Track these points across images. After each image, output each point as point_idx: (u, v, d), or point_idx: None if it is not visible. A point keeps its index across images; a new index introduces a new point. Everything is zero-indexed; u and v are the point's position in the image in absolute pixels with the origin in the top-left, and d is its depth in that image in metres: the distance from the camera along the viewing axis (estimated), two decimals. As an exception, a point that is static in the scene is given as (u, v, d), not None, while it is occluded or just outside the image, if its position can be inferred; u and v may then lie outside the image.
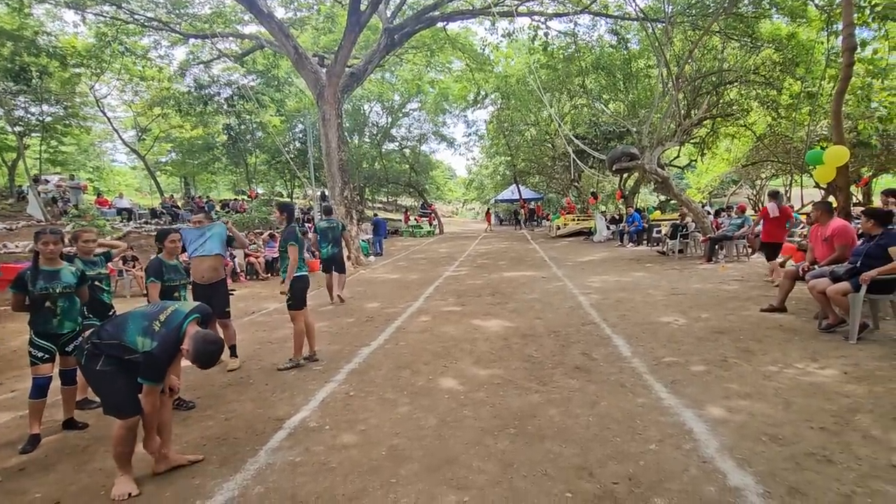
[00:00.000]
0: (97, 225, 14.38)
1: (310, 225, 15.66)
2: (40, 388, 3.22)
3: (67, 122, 22.30)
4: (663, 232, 13.12)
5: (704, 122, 17.12)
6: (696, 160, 23.32)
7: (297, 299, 4.53)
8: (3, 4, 15.66)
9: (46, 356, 3.28)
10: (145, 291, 4.04)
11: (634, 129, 13.53)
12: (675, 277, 8.50)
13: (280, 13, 18.75)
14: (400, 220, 31.72)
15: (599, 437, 2.84)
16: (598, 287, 7.92)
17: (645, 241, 14.95)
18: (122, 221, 16.62)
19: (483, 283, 9.19)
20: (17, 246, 10.61)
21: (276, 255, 4.69)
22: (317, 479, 2.56)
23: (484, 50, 20.35)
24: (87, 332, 2.68)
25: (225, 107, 24.22)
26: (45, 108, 21.04)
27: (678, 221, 12.19)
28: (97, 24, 17.04)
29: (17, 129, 18.89)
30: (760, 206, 24.65)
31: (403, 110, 31.89)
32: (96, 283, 3.72)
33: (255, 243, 12.42)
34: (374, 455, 2.77)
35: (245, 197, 26.07)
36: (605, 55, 17.39)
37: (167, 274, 3.96)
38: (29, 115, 20.73)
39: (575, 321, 5.71)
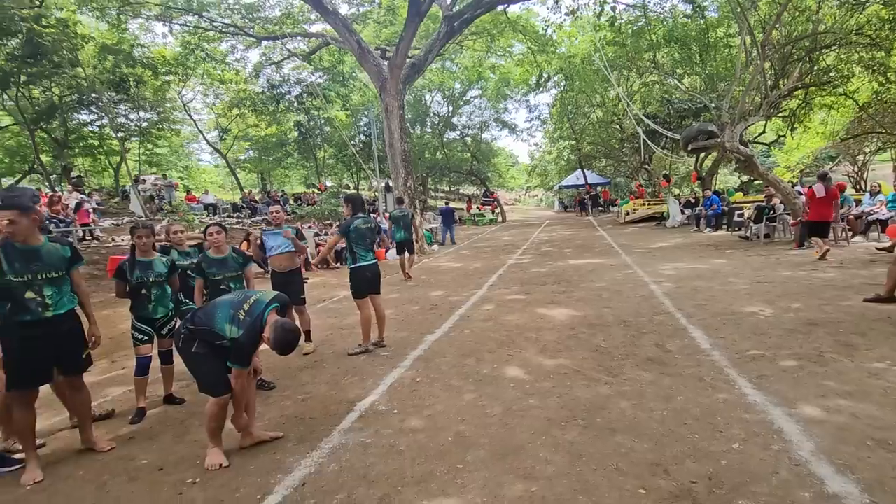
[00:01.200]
0: (187, 220, 15.75)
1: (375, 215, 16.14)
2: (143, 367, 3.61)
3: (161, 126, 24.56)
4: (746, 215, 12.08)
5: (795, 93, 15.39)
6: (784, 135, 21.11)
7: (357, 289, 4.70)
8: (105, 22, 17.38)
9: (146, 338, 3.66)
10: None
11: (713, 105, 12.49)
12: (760, 264, 7.83)
13: (343, 9, 19.32)
14: (462, 209, 31.80)
15: (675, 433, 2.69)
16: (672, 275, 7.48)
17: (725, 226, 13.87)
18: (208, 216, 18.04)
19: (548, 271, 9.00)
20: (122, 240, 11.88)
21: (345, 245, 4.86)
22: (386, 460, 2.65)
23: (546, 30, 19.69)
24: (185, 317, 2.94)
25: (295, 104, 25.48)
26: (141, 114, 23.31)
27: (763, 203, 11.16)
28: (182, 34, 18.49)
29: (120, 134, 21.09)
30: (864, 183, 22.01)
31: (464, 98, 31.78)
32: (188, 272, 4.06)
33: (325, 234, 13.02)
34: (440, 440, 2.82)
35: (315, 190, 27.37)
36: (679, 26, 16.14)
37: (209, 269, 3.85)
38: (129, 122, 23.06)
39: (646, 311, 5.44)
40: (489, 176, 34.75)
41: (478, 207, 30.81)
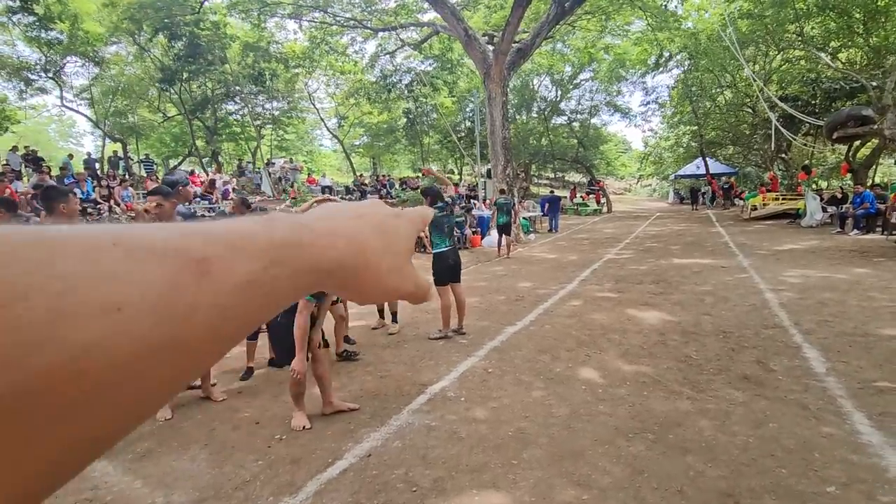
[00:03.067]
0: (305, 199, 17.41)
1: (475, 202, 16.31)
2: (254, 332, 4.16)
3: (290, 114, 27.32)
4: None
5: None
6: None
7: (438, 276, 4.87)
8: (248, 22, 19.64)
9: None
10: None
11: (874, 84, 10.48)
12: (921, 279, 6.53)
13: (454, -3, 19.48)
14: (566, 197, 30.71)
15: (759, 463, 2.45)
16: (796, 283, 6.56)
17: (879, 229, 11.68)
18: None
19: (647, 268, 8.43)
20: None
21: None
22: (446, 445, 2.79)
23: (670, 4, 17.96)
24: None
25: (405, 92, 26.52)
26: (274, 104, 26.14)
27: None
28: (310, 30, 20.19)
29: (257, 122, 23.90)
30: None
31: (574, 82, 30.38)
32: None
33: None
34: (501, 433, 2.88)
35: (420, 174, 28.41)
36: (839, -10, 13.72)
37: None
38: (264, 111, 26.01)
39: (754, 322, 4.88)
40: (595, 164, 32.97)
41: (581, 196, 29.55)
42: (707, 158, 27.99)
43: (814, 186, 19.18)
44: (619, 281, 7.45)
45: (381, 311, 5.52)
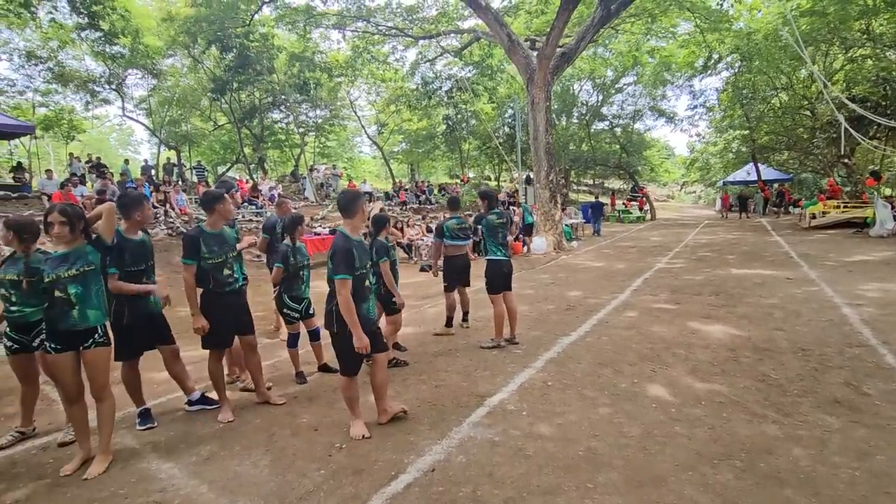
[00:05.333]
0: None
1: (515, 207, 16.10)
2: (294, 340, 4.17)
3: (332, 122, 27.95)
4: None
5: None
6: None
7: (491, 283, 4.74)
8: (294, 33, 20.24)
9: (297, 316, 4.15)
10: None
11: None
12: None
13: (496, 2, 19.46)
14: (606, 204, 29.91)
15: (869, 501, 2.18)
16: (877, 298, 6.03)
17: (965, 240, 10.69)
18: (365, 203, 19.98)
19: (703, 279, 8.00)
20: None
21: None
22: (513, 462, 2.65)
23: (722, 4, 17.24)
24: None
25: (445, 99, 26.64)
26: (317, 112, 26.82)
27: None
28: (353, 39, 20.61)
29: (301, 130, 24.56)
30: None
31: (616, 86, 29.64)
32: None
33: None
34: (570, 453, 2.72)
35: (458, 181, 28.41)
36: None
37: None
38: (308, 119, 26.73)
39: (836, 339, 4.49)
40: (639, 169, 31.99)
41: (623, 203, 28.73)
42: (759, 164, 26.65)
43: (884, 193, 17.88)
44: (674, 291, 7.09)
45: (450, 320, 5.47)
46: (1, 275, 3.12)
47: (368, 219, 4.14)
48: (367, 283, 3.05)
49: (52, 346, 2.72)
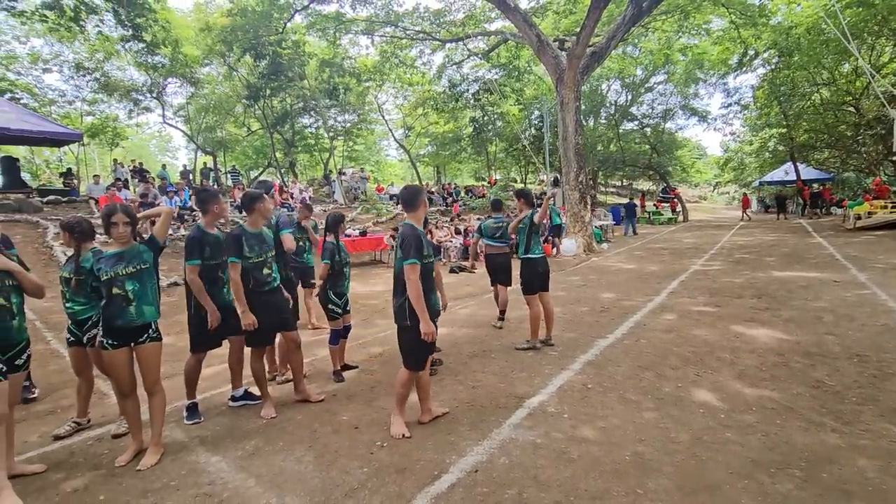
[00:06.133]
0: (377, 209, 17.87)
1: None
2: (336, 336, 4.22)
3: (360, 126, 28.32)
4: None
5: None
6: None
7: (528, 283, 4.69)
8: (325, 40, 20.64)
9: (341, 311, 4.20)
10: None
11: None
12: None
13: (524, 3, 19.36)
14: (636, 205, 29.25)
15: (948, 515, 2.04)
16: (937, 303, 5.69)
17: None
18: (393, 206, 20.17)
19: (744, 281, 7.72)
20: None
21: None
22: (557, 465, 2.60)
23: (757, -1, 16.67)
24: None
25: (472, 101, 26.64)
26: (346, 116, 27.24)
27: None
28: (381, 44, 20.86)
29: (330, 134, 24.99)
30: None
31: (646, 85, 29.03)
32: None
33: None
34: (616, 457, 2.65)
35: (485, 183, 28.33)
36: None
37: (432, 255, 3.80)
38: (337, 123, 27.17)
39: (893, 345, 4.25)
40: (670, 170, 31.15)
41: (654, 205, 28.07)
42: (798, 163, 25.60)
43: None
44: (714, 294, 6.86)
45: (503, 313, 5.77)
46: (60, 272, 3.31)
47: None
48: (433, 273, 3.11)
49: (109, 342, 2.83)
